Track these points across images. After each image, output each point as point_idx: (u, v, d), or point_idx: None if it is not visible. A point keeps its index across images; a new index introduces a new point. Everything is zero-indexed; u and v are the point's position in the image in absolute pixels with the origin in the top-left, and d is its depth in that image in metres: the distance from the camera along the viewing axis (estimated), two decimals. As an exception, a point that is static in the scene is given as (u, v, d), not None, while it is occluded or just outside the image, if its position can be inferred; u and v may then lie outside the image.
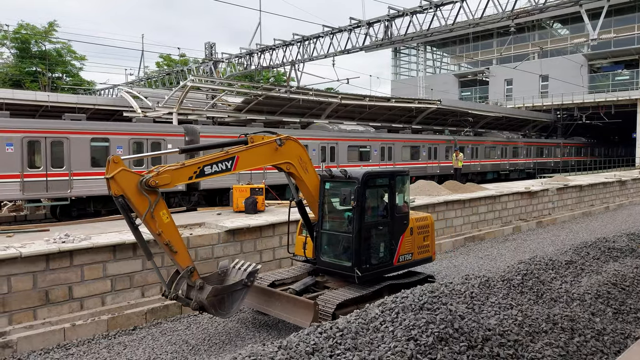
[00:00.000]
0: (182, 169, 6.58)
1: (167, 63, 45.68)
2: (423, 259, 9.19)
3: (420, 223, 9.10)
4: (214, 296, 6.85)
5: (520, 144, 38.04)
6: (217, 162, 6.89)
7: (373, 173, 8.39)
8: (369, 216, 8.17)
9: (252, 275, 7.35)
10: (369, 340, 5.12)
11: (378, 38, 22.86)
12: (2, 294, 7.31)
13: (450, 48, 58.24)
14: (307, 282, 8.53)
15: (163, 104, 23.23)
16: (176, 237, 6.55)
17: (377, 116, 30.61)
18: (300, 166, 7.86)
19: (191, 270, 6.69)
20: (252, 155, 7.25)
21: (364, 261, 7.89)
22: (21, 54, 39.30)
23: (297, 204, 8.42)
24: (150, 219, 6.29)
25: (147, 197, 6.20)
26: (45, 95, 24.52)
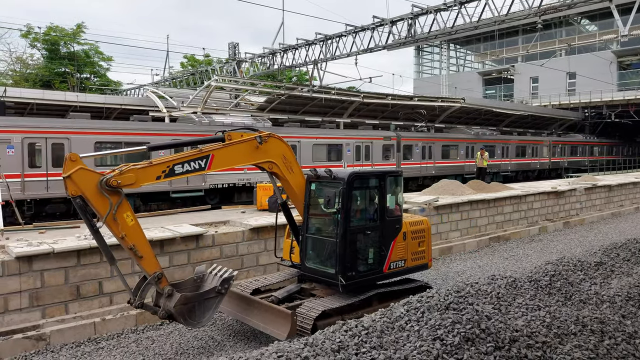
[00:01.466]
0: (149, 168, 6.16)
1: (191, 63, 46.30)
2: (418, 266, 8.57)
3: (415, 227, 8.51)
4: (183, 304, 6.37)
5: (546, 143, 37.12)
6: (189, 160, 6.44)
7: (360, 173, 7.91)
8: (356, 219, 7.66)
9: (226, 283, 6.79)
10: (394, 339, 5.12)
11: (401, 36, 22.71)
12: (36, 289, 7.55)
13: (474, 45, 57.45)
14: (291, 289, 8.02)
15: (188, 104, 23.56)
16: (142, 241, 6.13)
17: (400, 115, 30.42)
18: (284, 165, 7.42)
19: (159, 276, 6.22)
20: (229, 154, 6.80)
21: (350, 268, 7.33)
22: (51, 55, 40.40)
23: (281, 205, 7.90)
24: (112, 222, 5.89)
25: (108, 198, 5.79)
26: (74, 96, 25.17)
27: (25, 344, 7.20)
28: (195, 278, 6.97)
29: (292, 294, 7.93)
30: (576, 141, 41.41)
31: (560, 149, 38.52)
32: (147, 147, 6.77)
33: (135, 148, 7.83)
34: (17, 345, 7.14)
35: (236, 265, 9.53)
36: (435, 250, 13.36)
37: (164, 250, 8.81)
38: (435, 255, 13.32)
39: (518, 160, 34.35)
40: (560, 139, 39.88)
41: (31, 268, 7.51)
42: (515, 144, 34.17)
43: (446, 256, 13.47)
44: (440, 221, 14.01)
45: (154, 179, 6.24)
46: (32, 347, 7.23)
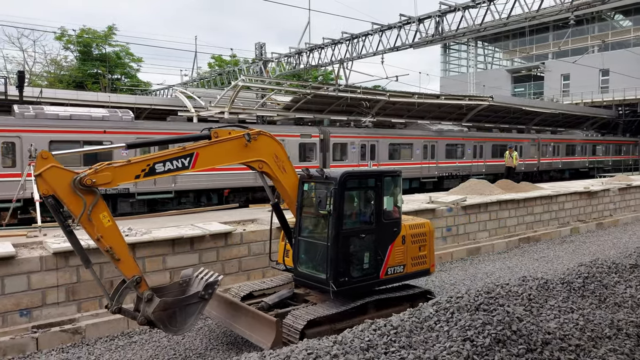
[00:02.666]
0: (127, 167, 5.87)
1: (219, 64, 46.91)
2: (418, 271, 8.06)
3: (415, 231, 8.00)
4: (163, 310, 6.04)
5: (580, 142, 35.85)
6: (172, 159, 6.14)
7: (354, 173, 7.52)
8: (349, 222, 7.27)
9: (209, 288, 6.43)
10: (423, 339, 5.10)
11: (428, 34, 22.48)
12: (72, 283, 7.81)
13: (502, 43, 56.38)
14: (282, 294, 7.62)
15: (215, 104, 23.90)
16: (119, 243, 5.82)
17: (426, 113, 30.12)
18: (276, 165, 7.06)
19: (137, 280, 5.90)
20: (216, 152, 6.47)
21: (342, 273, 6.93)
22: (83, 57, 41.57)
23: (273, 207, 7.54)
24: (87, 223, 5.59)
25: (82, 197, 5.50)
26: (106, 96, 25.87)
27: (62, 336, 7.46)
28: (181, 282, 6.66)
29: (284, 300, 7.56)
30: (574, 139, 36.42)
31: (554, 149, 33.56)
32: (125, 144, 6.52)
33: (112, 146, 7.75)
34: (54, 337, 7.40)
35: (264, 263, 9.63)
36: (462, 251, 13.24)
37: (194, 247, 8.99)
38: (463, 255, 13.18)
39: (494, 162, 29.09)
40: (552, 137, 34.97)
41: (67, 263, 7.77)
42: (489, 142, 29.40)
43: (474, 257, 13.29)
44: (468, 221, 13.83)
45: (132, 177, 5.94)
46: (69, 340, 7.48)
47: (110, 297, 5.90)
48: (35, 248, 7.97)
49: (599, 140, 38.72)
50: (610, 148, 39.44)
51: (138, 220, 11.08)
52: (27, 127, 14.50)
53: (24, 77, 17.65)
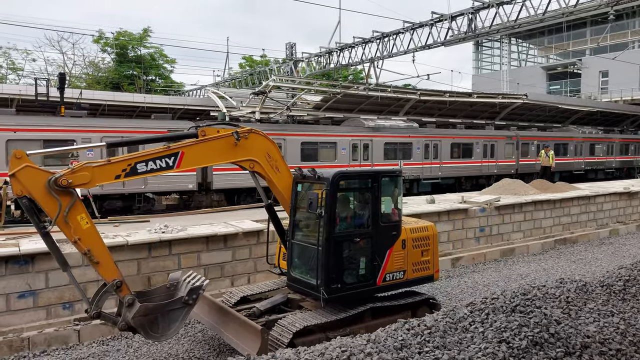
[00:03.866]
0: (107, 166, 5.65)
1: (249, 64, 47.47)
2: (420, 278, 7.59)
3: (417, 234, 7.53)
4: (143, 315, 5.80)
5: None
6: (155, 158, 5.91)
7: (347, 173, 7.15)
8: (343, 225, 6.91)
9: (194, 293, 6.13)
10: (457, 339, 5.06)
11: (461, 32, 22.13)
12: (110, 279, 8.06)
13: (537, 39, 54.97)
14: (275, 300, 7.30)
15: (246, 104, 24.20)
16: (98, 245, 5.60)
17: (458, 112, 29.69)
18: (268, 164, 6.77)
19: (118, 284, 5.67)
20: (202, 151, 6.23)
21: (334, 280, 6.56)
22: (120, 58, 42.80)
23: (266, 208, 7.26)
24: (64, 224, 5.39)
25: (57, 198, 5.30)
26: (141, 97, 26.57)
27: (102, 329, 7.73)
28: (169, 285, 6.40)
29: (278, 306, 7.24)
30: (566, 137, 32.13)
31: (538, 148, 29.49)
32: (105, 143, 6.27)
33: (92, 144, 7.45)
34: (95, 330, 7.68)
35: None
36: (496, 252, 13.01)
37: (227, 245, 9.16)
38: (497, 256, 12.96)
39: (458, 163, 25.65)
40: (537, 134, 30.97)
41: (108, 259, 8.03)
42: (454, 140, 25.57)
43: (508, 258, 13.05)
44: (501, 222, 13.59)
45: (112, 178, 5.73)
46: (109, 333, 7.74)
47: (90, 301, 5.67)
48: (77, 244, 8.27)
49: (599, 138, 34.38)
50: (614, 147, 35.10)
51: (174, 218, 11.36)
52: None
53: (64, 79, 18.29)
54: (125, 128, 16.38)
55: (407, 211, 11.64)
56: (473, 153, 26.22)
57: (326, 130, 22.74)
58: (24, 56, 42.12)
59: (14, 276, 7.34)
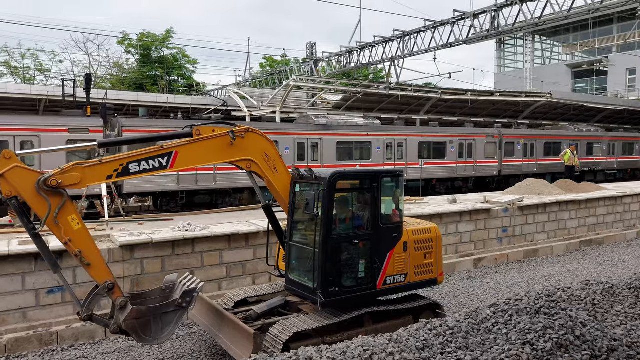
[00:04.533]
0: (98, 166, 5.56)
1: (270, 64, 47.75)
2: (423, 281, 7.33)
3: (420, 236, 7.29)
4: (135, 318, 5.67)
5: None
6: (148, 158, 5.81)
7: (345, 173, 6.91)
8: (341, 227, 6.74)
9: (187, 296, 6.00)
10: (480, 340, 5.03)
11: (483, 30, 21.88)
12: (137, 275, 8.25)
13: (562, 36, 53.96)
14: (273, 303, 7.09)
15: (267, 103, 24.38)
16: (89, 247, 5.51)
17: (480, 111, 29.35)
18: (266, 164, 6.61)
19: (110, 286, 5.57)
20: (197, 151, 6.12)
21: (331, 283, 6.36)
22: (143, 59, 43.53)
23: (264, 209, 7.07)
24: (54, 225, 5.31)
25: (47, 199, 5.22)
26: (164, 97, 26.97)
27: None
28: (164, 288, 6.28)
29: (275, 309, 7.04)
30: (559, 135, 29.16)
31: (526, 147, 27.22)
32: (97, 142, 6.19)
33: (83, 145, 7.48)
34: None
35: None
36: (519, 253, 12.84)
37: (248, 243, 9.25)
38: (520, 257, 12.79)
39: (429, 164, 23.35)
40: (523, 132, 28.02)
41: (133, 256, 8.21)
42: (424, 138, 23.35)
43: (532, 259, 12.86)
44: (525, 222, 13.39)
45: (104, 178, 5.67)
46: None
47: (81, 303, 5.59)
48: (104, 241, 8.47)
49: (598, 136, 31.35)
50: (616, 146, 32.04)
51: (197, 216, 11.52)
52: None
53: (91, 80, 18.73)
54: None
55: (428, 211, 11.59)
56: (446, 153, 23.89)
57: (268, 127, 21.22)
58: (52, 58, 43.25)
59: (43, 272, 7.55)
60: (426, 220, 11.38)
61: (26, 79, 40.55)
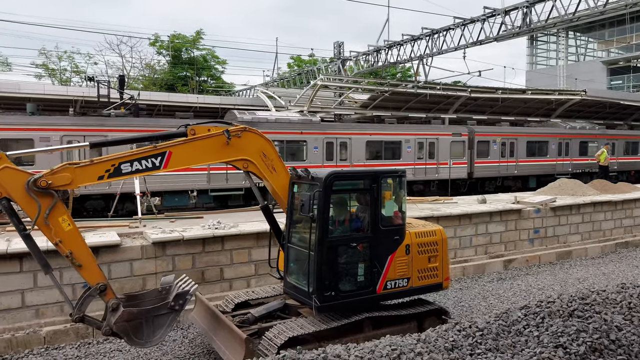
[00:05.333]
0: (89, 167, 5.50)
1: (297, 64, 48.00)
2: (427, 286, 7.06)
3: (424, 239, 7.02)
4: (127, 321, 5.62)
5: None
6: (140, 158, 5.72)
7: (343, 173, 6.73)
8: (339, 229, 6.56)
9: (180, 298, 5.91)
10: (511, 343, 4.96)
11: (515, 26, 21.44)
12: (168, 271, 8.42)
13: (597, 32, 52.28)
14: (272, 306, 6.94)
15: (295, 103, 24.53)
16: (81, 248, 5.45)
17: (511, 109, 28.73)
18: (263, 164, 6.47)
19: (101, 287, 5.51)
20: (191, 151, 6.00)
21: (328, 287, 6.15)
22: (174, 60, 44.43)
23: (262, 210, 6.90)
24: (44, 226, 5.27)
25: (36, 200, 5.18)
26: (194, 97, 27.48)
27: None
28: (160, 289, 6.21)
29: (274, 312, 6.90)
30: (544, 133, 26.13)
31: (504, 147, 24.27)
32: (89, 143, 6.11)
33: (76, 145, 7.29)
34: None
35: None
36: (551, 254, 12.56)
37: (275, 242, 9.31)
38: (552, 259, 12.51)
39: (382, 165, 19.83)
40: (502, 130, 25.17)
41: (165, 253, 8.41)
42: (372, 137, 20.89)
43: (565, 261, 12.55)
44: (557, 223, 13.08)
45: (95, 179, 5.57)
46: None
47: (74, 305, 5.56)
48: (137, 238, 8.71)
49: (594, 134, 28.28)
50: (616, 145, 29.01)
51: (226, 214, 11.70)
52: None
53: (124, 81, 19.26)
54: None
55: (457, 211, 11.46)
56: (402, 153, 21.36)
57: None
58: (87, 60, 44.64)
59: (80, 267, 7.82)
60: (454, 220, 11.35)
61: (62, 81, 41.96)
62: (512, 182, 24.56)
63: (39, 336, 7.31)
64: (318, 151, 19.76)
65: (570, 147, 26.79)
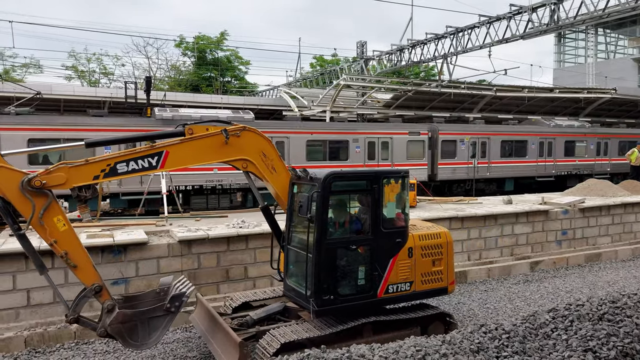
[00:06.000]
0: (84, 167, 5.45)
1: (320, 63, 48.06)
2: (431, 290, 6.85)
3: (428, 242, 6.82)
4: (121, 322, 5.57)
5: None
6: (137, 158, 5.66)
7: (342, 174, 6.52)
8: (338, 231, 6.41)
9: (176, 300, 5.82)
10: (538, 346, 4.89)
11: (542, 23, 21.00)
12: (194, 269, 8.58)
13: (628, 28, 50.77)
14: (271, 309, 6.82)
15: (317, 103, 24.58)
16: (76, 249, 5.41)
17: (537, 109, 28.18)
18: (263, 164, 6.38)
19: (97, 288, 5.47)
20: (189, 150, 5.94)
21: (326, 290, 6.01)
22: (198, 61, 45.04)
23: (262, 210, 6.79)
24: (39, 226, 5.23)
25: (30, 199, 5.14)
26: (219, 98, 27.83)
27: (185, 317, 8.19)
28: (158, 290, 6.13)
29: (274, 315, 6.78)
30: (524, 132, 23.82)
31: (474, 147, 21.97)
32: (84, 142, 6.02)
33: (70, 144, 7.12)
34: (179, 317, 7.90)
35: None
36: (580, 257, 12.29)
37: (300, 241, 9.37)
38: (581, 261, 12.23)
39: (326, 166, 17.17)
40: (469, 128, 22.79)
41: (190, 251, 8.55)
42: (314, 136, 18.79)
43: (594, 263, 12.25)
44: (586, 224, 12.77)
45: (90, 178, 5.53)
46: (191, 321, 8.21)
47: (70, 305, 5.54)
48: (164, 236, 8.87)
49: (584, 133, 25.44)
50: (609, 145, 26.31)
51: (249, 214, 11.80)
52: None
53: (151, 82, 19.61)
54: None
55: (482, 212, 11.31)
56: (349, 154, 19.23)
57: None
58: (115, 61, 45.64)
59: (108, 264, 8.01)
60: (479, 221, 11.20)
61: (91, 82, 42.98)
62: (484, 184, 22.64)
63: (70, 331, 7.52)
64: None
65: (555, 147, 24.33)
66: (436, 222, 10.71)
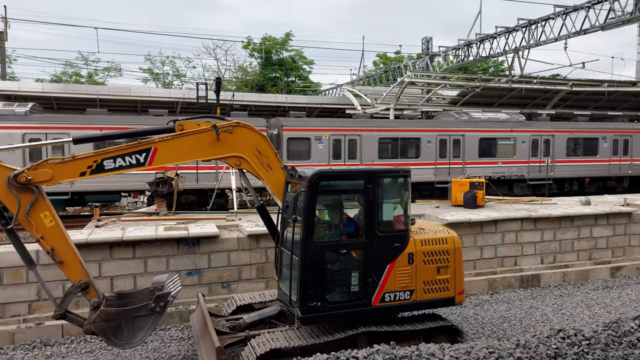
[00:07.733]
0: (70, 163, 5.43)
1: (383, 61, 47.67)
2: (435, 300, 6.27)
3: (431, 247, 6.26)
4: (105, 321, 5.50)
5: None
6: (124, 154, 5.59)
7: (331, 173, 6.08)
8: (327, 233, 6.00)
9: (161, 300, 5.67)
10: (622, 355, 4.61)
11: (625, 12, 19.57)
12: (262, 263, 8.85)
13: None
14: (264, 312, 6.52)
15: (381, 101, 24.41)
16: (63, 245, 5.38)
17: (618, 104, 26.30)
18: (258, 161, 6.14)
19: (83, 285, 5.43)
20: (178, 147, 5.80)
21: (313, 296, 5.61)
22: (264, 62, 46.18)
23: (258, 209, 6.60)
24: (26, 222, 5.23)
25: (16, 195, 5.15)
26: (283, 97, 28.39)
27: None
28: (152, 289, 5.93)
29: (267, 318, 6.48)
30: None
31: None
32: (72, 139, 6.04)
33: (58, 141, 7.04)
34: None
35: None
36: (665, 263, 11.34)
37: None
38: (667, 268, 11.29)
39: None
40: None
41: (258, 245, 8.82)
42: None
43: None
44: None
45: (77, 175, 5.48)
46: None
47: (57, 302, 5.52)
48: (233, 230, 9.22)
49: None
50: (553, 143, 20.97)
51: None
52: None
53: (221, 83, 20.38)
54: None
55: (557, 213, 10.77)
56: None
57: None
58: (186, 64, 47.84)
59: (183, 256, 8.45)
60: (554, 222, 10.66)
61: (165, 84, 45.34)
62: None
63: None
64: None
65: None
66: (506, 223, 10.42)
